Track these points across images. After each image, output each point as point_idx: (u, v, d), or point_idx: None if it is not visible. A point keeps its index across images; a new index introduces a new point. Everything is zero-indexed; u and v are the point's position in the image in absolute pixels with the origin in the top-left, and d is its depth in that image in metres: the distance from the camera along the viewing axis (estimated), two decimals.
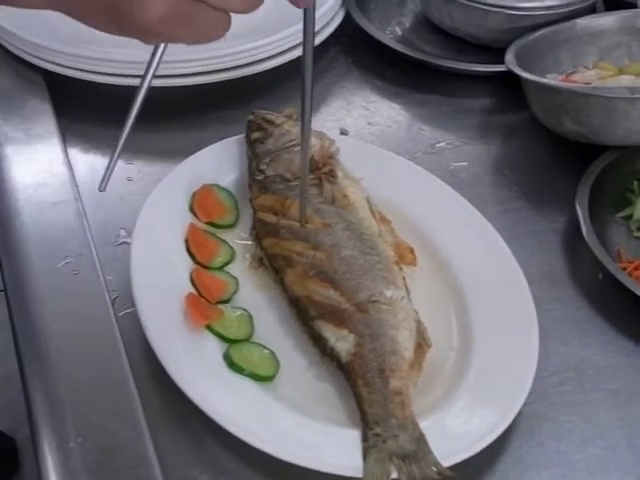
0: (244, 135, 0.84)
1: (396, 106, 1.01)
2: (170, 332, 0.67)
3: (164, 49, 0.54)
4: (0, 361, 1.02)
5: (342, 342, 0.67)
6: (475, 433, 0.63)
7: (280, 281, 0.73)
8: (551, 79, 0.95)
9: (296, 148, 0.80)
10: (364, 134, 0.96)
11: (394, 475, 0.59)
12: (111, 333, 0.69)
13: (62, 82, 0.93)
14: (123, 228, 0.80)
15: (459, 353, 0.70)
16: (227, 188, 0.81)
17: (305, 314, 0.70)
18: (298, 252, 0.73)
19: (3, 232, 0.77)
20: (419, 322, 0.70)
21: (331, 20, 1.04)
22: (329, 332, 0.68)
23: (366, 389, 0.64)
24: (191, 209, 0.78)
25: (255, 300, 0.74)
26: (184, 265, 0.73)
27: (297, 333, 0.71)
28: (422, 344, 0.68)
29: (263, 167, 0.80)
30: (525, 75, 0.91)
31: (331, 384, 0.68)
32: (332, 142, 0.82)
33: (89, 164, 0.87)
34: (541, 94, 0.92)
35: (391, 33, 1.12)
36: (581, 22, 1.03)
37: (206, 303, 0.71)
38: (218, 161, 0.83)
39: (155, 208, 0.76)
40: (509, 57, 0.96)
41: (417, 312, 0.71)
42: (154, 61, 0.54)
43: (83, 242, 0.76)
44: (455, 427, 0.64)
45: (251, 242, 0.78)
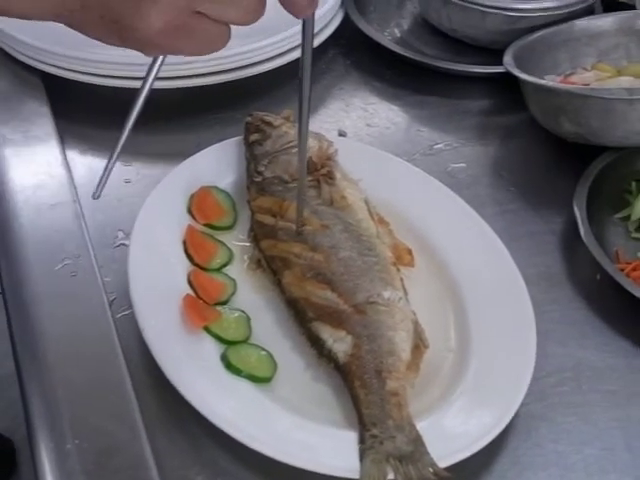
0: (242, 137, 0.84)
1: (394, 107, 1.01)
2: (168, 334, 0.67)
3: (163, 60, 0.54)
4: None
5: (339, 343, 0.67)
6: (472, 434, 0.63)
7: (278, 283, 0.73)
8: (549, 80, 0.95)
9: (294, 150, 0.80)
10: (362, 135, 0.96)
11: (391, 476, 0.59)
12: (109, 335, 0.69)
13: (60, 84, 0.93)
14: (121, 230, 0.80)
15: (457, 354, 0.70)
16: (225, 190, 0.81)
17: (303, 315, 0.70)
18: (296, 254, 0.73)
19: (1, 234, 0.77)
20: (417, 323, 0.70)
21: (330, 22, 1.04)
22: (327, 333, 0.68)
23: (363, 390, 0.64)
24: (189, 211, 0.78)
25: (253, 302, 0.74)
26: (182, 267, 0.73)
27: (295, 334, 0.71)
28: (419, 345, 0.68)
29: (261, 169, 0.80)
30: (523, 76, 0.91)
31: (328, 385, 0.68)
32: (330, 143, 0.82)
33: (87, 166, 0.87)
34: (539, 95, 0.92)
35: (390, 35, 1.12)
36: (579, 23, 1.03)
37: (204, 305, 0.71)
38: (216, 163, 0.83)
39: (153, 210, 0.76)
40: (507, 58, 0.96)
41: (415, 313, 0.71)
42: (152, 71, 0.54)
43: (81, 244, 0.76)
44: (452, 428, 0.64)
45: (249, 244, 0.78)
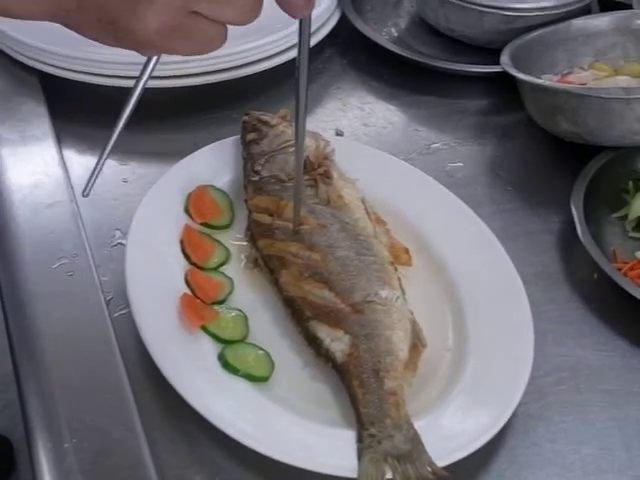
0: (239, 136, 0.84)
1: (392, 107, 1.01)
2: (165, 333, 0.67)
3: (157, 60, 0.54)
4: None
5: (337, 343, 0.67)
6: (470, 433, 0.63)
7: (275, 282, 0.73)
8: (546, 80, 0.95)
9: (291, 149, 0.80)
10: (359, 135, 0.96)
11: (389, 475, 0.59)
12: (106, 334, 0.69)
13: (58, 84, 0.93)
14: (118, 229, 0.80)
15: (454, 353, 0.70)
16: (222, 189, 0.81)
17: (300, 315, 0.70)
18: (293, 253, 0.73)
19: None
20: (414, 322, 0.70)
21: (327, 21, 1.04)
22: (324, 333, 0.68)
23: (361, 390, 0.64)
24: (186, 210, 0.78)
25: (250, 301, 0.74)
26: (179, 266, 0.73)
27: (292, 334, 0.71)
28: (417, 344, 0.68)
29: (258, 168, 0.80)
30: (520, 76, 0.91)
31: (326, 385, 0.68)
32: (327, 143, 0.82)
33: (84, 165, 0.87)
34: (536, 95, 0.92)
35: (387, 34, 1.12)
36: (576, 23, 1.03)
37: (201, 304, 0.71)
38: (213, 162, 0.83)
39: (150, 209, 0.76)
40: (504, 58, 0.96)
41: (412, 312, 0.71)
42: (146, 71, 0.54)
43: (78, 243, 0.76)
44: (450, 427, 0.64)
45: (246, 243, 0.78)
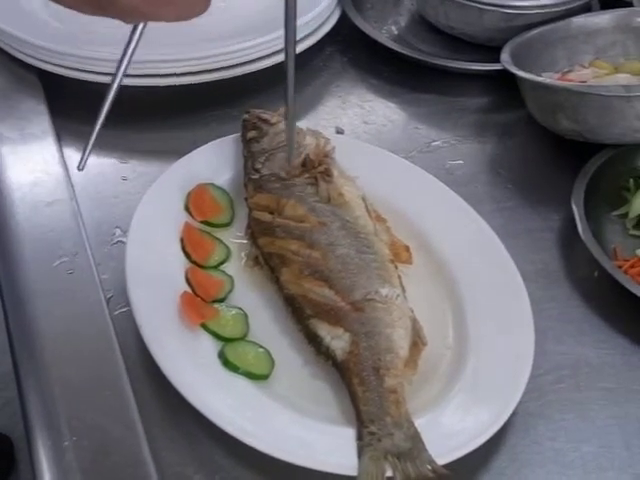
0: (239, 134, 0.84)
1: (392, 105, 1.01)
2: (165, 331, 0.67)
3: (143, 29, 0.53)
4: None
5: (337, 341, 0.67)
6: (470, 431, 0.63)
7: (275, 280, 0.73)
8: (547, 78, 0.95)
9: None
10: (360, 133, 0.96)
11: (389, 473, 0.59)
12: (106, 332, 0.69)
13: (57, 81, 0.93)
14: (118, 227, 0.80)
15: (454, 351, 0.70)
16: (222, 187, 0.81)
17: (300, 313, 0.70)
18: (293, 251, 0.73)
19: None
20: (414, 320, 0.70)
21: (327, 19, 1.03)
22: (324, 331, 0.68)
23: (361, 387, 0.64)
24: (186, 208, 0.78)
25: (250, 299, 0.74)
26: (179, 264, 0.73)
27: (292, 332, 0.71)
28: (417, 342, 0.68)
29: (258, 166, 0.80)
30: (521, 74, 0.91)
31: (326, 382, 0.68)
32: (328, 141, 0.82)
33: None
34: (537, 93, 0.92)
35: (387, 32, 1.12)
36: (577, 21, 1.03)
37: (201, 302, 0.71)
38: (213, 160, 0.83)
39: (150, 207, 0.76)
40: (505, 56, 0.96)
41: (412, 310, 0.71)
42: (133, 40, 0.54)
43: (78, 241, 0.76)
44: (450, 425, 0.64)
45: (246, 241, 0.78)
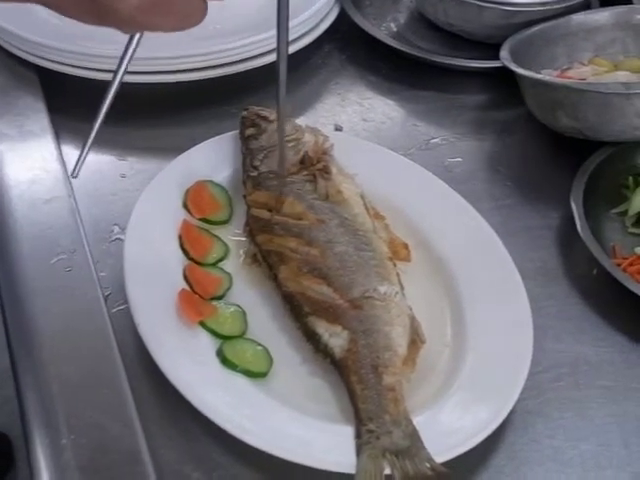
0: (238, 131, 0.84)
1: (391, 102, 1.01)
2: (163, 329, 0.67)
3: (139, 39, 0.54)
4: None
5: (336, 338, 0.67)
6: (469, 429, 0.62)
7: (274, 277, 0.73)
8: (546, 75, 0.95)
9: (290, 144, 0.80)
10: (358, 130, 0.96)
11: (387, 471, 0.59)
12: (104, 330, 0.69)
13: (56, 79, 0.93)
14: (116, 224, 0.80)
15: (453, 349, 0.70)
16: (221, 184, 0.81)
17: (299, 310, 0.70)
18: (292, 248, 0.73)
19: None
20: (413, 318, 0.70)
21: (325, 16, 1.03)
22: (323, 328, 0.68)
23: (359, 385, 0.64)
24: (185, 205, 0.78)
25: (249, 296, 0.74)
26: (177, 261, 0.73)
27: (291, 329, 0.71)
28: (416, 340, 0.68)
29: (257, 163, 0.80)
30: (520, 71, 0.91)
31: (324, 380, 0.68)
32: (326, 138, 0.82)
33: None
34: (536, 90, 0.92)
35: (386, 29, 1.12)
36: (576, 18, 1.03)
37: (199, 299, 0.70)
38: (212, 157, 0.83)
39: (149, 204, 0.76)
40: (504, 53, 0.96)
41: (411, 308, 0.71)
42: (129, 50, 0.55)
43: (76, 239, 0.76)
44: (449, 423, 0.64)
45: (245, 238, 0.77)
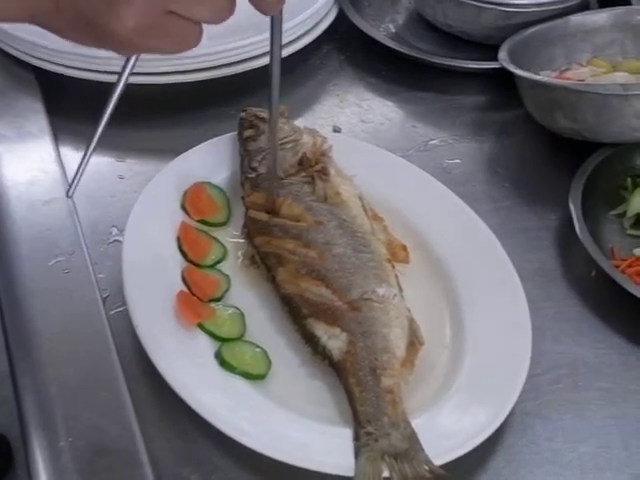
0: (236, 133, 0.84)
1: (389, 103, 1.01)
2: (161, 331, 0.67)
3: (136, 59, 0.55)
4: None
5: (334, 340, 0.67)
6: (467, 431, 0.62)
7: (272, 279, 0.73)
8: (545, 76, 0.95)
9: (288, 145, 0.80)
10: (357, 131, 0.96)
11: (386, 474, 0.59)
12: (102, 332, 0.69)
13: (54, 80, 0.93)
14: (115, 226, 0.80)
15: (451, 351, 0.70)
16: (219, 186, 0.81)
17: (297, 312, 0.70)
18: (290, 250, 0.72)
19: None
20: (411, 320, 0.70)
21: (324, 17, 1.03)
22: (321, 330, 0.68)
23: (358, 387, 0.64)
24: (183, 207, 0.78)
25: (247, 298, 0.73)
26: (176, 263, 0.73)
27: (289, 331, 0.71)
28: (414, 342, 0.68)
29: (255, 165, 0.79)
30: (519, 72, 0.91)
31: (323, 382, 0.68)
32: (325, 139, 0.82)
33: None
34: (535, 91, 0.92)
35: (384, 30, 1.12)
36: (575, 19, 1.03)
37: (198, 301, 0.70)
38: (210, 159, 0.83)
39: (147, 206, 0.76)
40: (502, 54, 0.96)
41: (409, 310, 0.71)
42: (126, 71, 0.56)
43: (74, 240, 0.76)
44: (447, 425, 0.64)
45: (243, 240, 0.77)
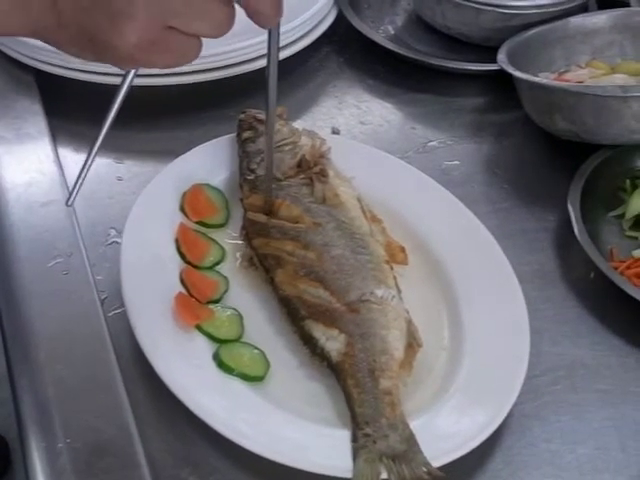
0: (235, 134, 0.84)
1: (388, 105, 1.01)
2: (160, 332, 0.67)
3: (135, 72, 0.55)
4: None
5: (332, 342, 0.67)
6: (466, 433, 0.62)
7: (270, 281, 0.73)
8: (544, 78, 0.95)
9: (287, 147, 0.80)
10: (356, 133, 0.96)
11: (384, 475, 0.59)
12: (100, 333, 0.69)
13: (53, 81, 0.93)
14: (113, 228, 0.80)
15: (450, 353, 0.70)
16: (218, 187, 0.81)
17: (295, 314, 0.70)
18: (288, 252, 0.72)
19: None
20: (410, 322, 0.70)
21: (323, 19, 1.03)
22: (319, 332, 0.68)
23: (356, 389, 0.64)
24: (181, 208, 0.78)
25: (245, 300, 0.73)
26: (174, 265, 0.73)
27: (287, 333, 0.71)
28: (413, 344, 0.68)
29: (254, 166, 0.79)
30: (517, 74, 0.91)
31: (321, 384, 0.68)
32: (323, 141, 0.82)
33: (80, 164, 0.85)
34: (533, 93, 0.92)
35: (383, 32, 1.12)
36: (574, 21, 1.03)
37: (196, 303, 0.70)
38: (209, 160, 0.83)
39: (145, 207, 0.76)
40: (501, 56, 0.96)
41: (408, 312, 0.71)
42: (125, 83, 0.56)
43: (73, 242, 0.76)
44: (445, 427, 0.64)
45: (241, 242, 0.77)
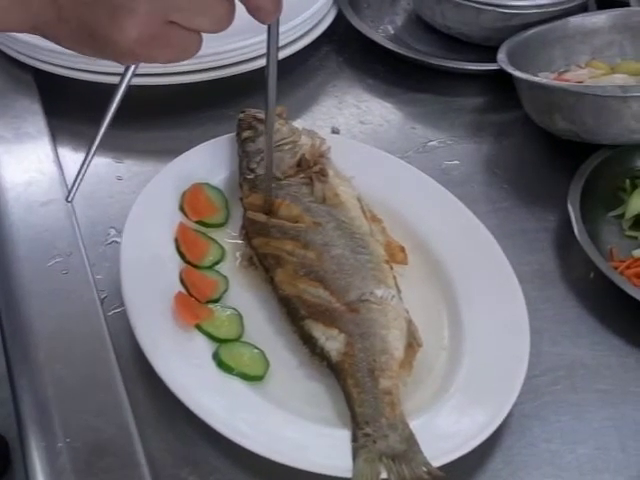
0: (235, 134, 0.84)
1: (388, 105, 1.01)
2: (159, 332, 0.67)
3: (135, 68, 0.55)
4: None
5: (332, 342, 0.67)
6: (466, 433, 0.62)
7: (270, 280, 0.73)
8: (543, 78, 0.95)
9: (287, 147, 0.80)
10: (356, 133, 0.95)
11: (384, 475, 0.59)
12: (100, 333, 0.69)
13: (52, 81, 0.93)
14: (113, 227, 0.80)
15: (450, 352, 0.70)
16: (217, 187, 0.81)
17: (295, 313, 0.70)
18: (288, 251, 0.72)
19: None
20: (410, 321, 0.70)
21: (323, 19, 1.03)
22: (319, 331, 0.68)
23: (356, 389, 0.64)
24: (181, 208, 0.78)
25: (245, 299, 0.73)
26: (174, 264, 0.73)
27: (287, 332, 0.71)
28: (412, 343, 0.68)
29: (254, 166, 0.79)
30: (517, 74, 0.91)
31: (321, 384, 0.68)
32: (323, 141, 0.82)
33: (79, 163, 0.85)
34: (533, 93, 0.92)
35: (383, 31, 1.12)
36: (574, 21, 1.03)
37: (196, 302, 0.70)
38: (208, 160, 0.83)
39: (145, 207, 0.76)
40: (501, 55, 0.96)
41: (408, 311, 0.71)
42: (125, 79, 0.56)
43: (72, 241, 0.76)
44: (445, 427, 0.64)
45: (241, 241, 0.77)
